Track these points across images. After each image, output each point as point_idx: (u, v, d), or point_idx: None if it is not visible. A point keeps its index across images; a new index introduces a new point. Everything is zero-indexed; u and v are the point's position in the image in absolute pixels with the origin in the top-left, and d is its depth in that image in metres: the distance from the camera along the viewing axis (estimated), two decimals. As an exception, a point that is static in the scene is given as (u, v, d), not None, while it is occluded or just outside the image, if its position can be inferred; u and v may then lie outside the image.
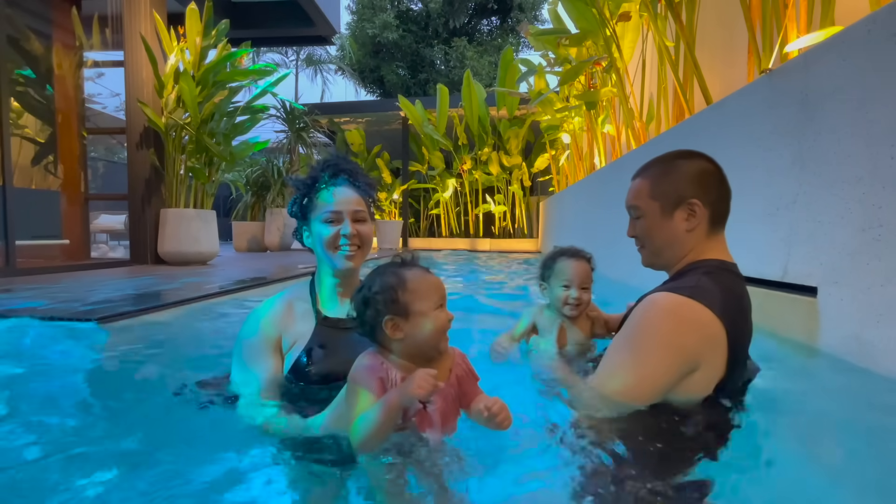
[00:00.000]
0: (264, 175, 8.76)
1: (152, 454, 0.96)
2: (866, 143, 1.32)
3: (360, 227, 1.13)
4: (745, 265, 1.93)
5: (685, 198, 1.01)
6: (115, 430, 1.10)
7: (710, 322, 0.90)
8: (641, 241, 1.11)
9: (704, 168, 1.04)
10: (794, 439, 0.98)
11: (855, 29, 1.39)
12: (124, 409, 1.24)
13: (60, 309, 2.07)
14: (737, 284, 1.00)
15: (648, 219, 1.07)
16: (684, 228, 1.03)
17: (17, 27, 4.76)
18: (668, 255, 1.07)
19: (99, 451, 0.98)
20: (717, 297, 0.92)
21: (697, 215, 1.01)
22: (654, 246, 1.08)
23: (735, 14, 2.77)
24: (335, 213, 1.11)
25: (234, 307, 2.65)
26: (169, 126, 4.87)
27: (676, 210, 1.03)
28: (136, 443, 1.01)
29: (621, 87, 4.19)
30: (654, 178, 1.07)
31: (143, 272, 4.09)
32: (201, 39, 4.90)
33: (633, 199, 1.11)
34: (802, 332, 1.55)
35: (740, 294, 0.99)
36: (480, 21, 19.20)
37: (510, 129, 10.05)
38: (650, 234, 1.08)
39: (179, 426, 1.09)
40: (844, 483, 0.80)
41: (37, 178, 5.17)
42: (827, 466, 0.88)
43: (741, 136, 2.03)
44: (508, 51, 8.86)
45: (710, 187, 1.02)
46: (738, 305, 0.96)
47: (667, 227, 1.04)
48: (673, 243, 1.05)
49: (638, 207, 1.09)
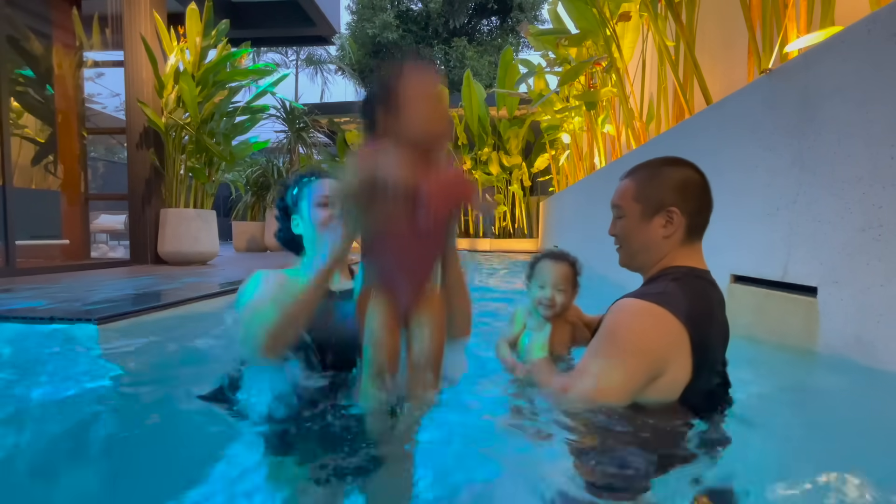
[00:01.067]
0: (264, 175, 8.76)
1: (152, 454, 0.96)
2: (866, 143, 1.32)
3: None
4: (745, 265, 1.94)
5: (665, 204, 1.03)
6: (115, 430, 1.10)
7: (675, 327, 0.91)
8: (620, 242, 1.13)
9: (689, 178, 1.05)
10: (793, 439, 0.98)
11: (855, 29, 1.39)
12: (124, 409, 1.24)
13: (60, 309, 2.06)
14: (706, 290, 1.01)
15: (629, 220, 1.09)
16: (661, 234, 1.04)
17: (17, 27, 4.76)
18: (643, 259, 1.09)
19: (99, 451, 0.98)
20: (683, 303, 0.93)
21: (674, 223, 1.03)
22: (631, 248, 1.10)
23: (735, 14, 2.77)
24: (326, 197, 1.22)
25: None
26: (169, 126, 4.87)
27: (656, 216, 1.04)
28: (137, 443, 1.01)
29: (621, 87, 4.19)
30: (639, 182, 1.08)
31: (143, 272, 4.09)
32: (201, 39, 4.90)
33: (617, 199, 1.12)
34: (802, 332, 1.55)
35: (709, 300, 1.00)
36: (480, 21, 19.21)
37: (510, 129, 10.04)
38: (628, 236, 1.10)
39: (181, 426, 1.09)
40: (845, 482, 0.80)
41: (37, 178, 5.17)
42: (826, 466, 0.88)
43: (741, 136, 2.03)
44: (508, 51, 8.86)
45: (692, 197, 1.04)
46: (705, 311, 0.97)
47: (644, 230, 1.06)
48: (649, 247, 1.07)
49: (621, 207, 1.11)
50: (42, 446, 1.00)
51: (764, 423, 1.02)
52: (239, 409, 1.04)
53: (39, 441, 1.02)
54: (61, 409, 1.22)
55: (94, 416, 1.20)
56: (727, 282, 2.01)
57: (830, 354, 1.42)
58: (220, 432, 1.02)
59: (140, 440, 1.01)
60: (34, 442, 1.01)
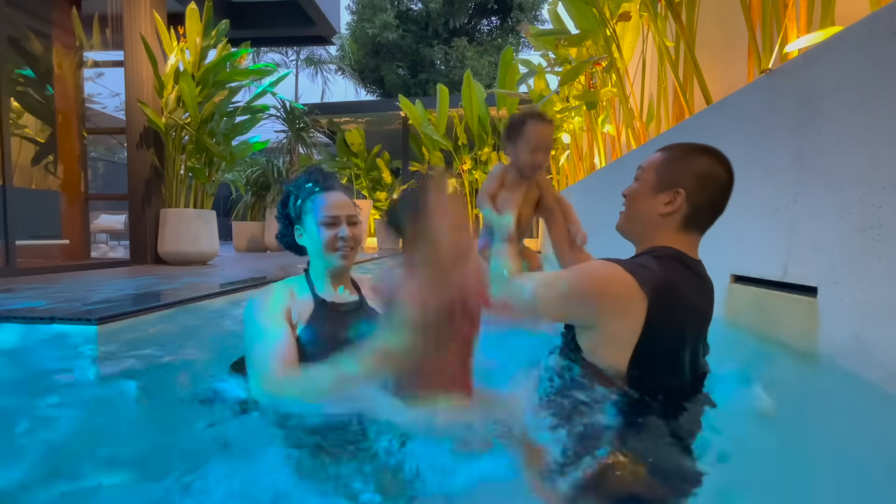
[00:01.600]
0: (264, 175, 8.75)
1: (152, 454, 0.96)
2: (866, 143, 1.32)
3: (353, 229, 1.23)
4: (745, 265, 1.94)
5: (677, 185, 1.03)
6: (115, 430, 1.10)
7: (634, 292, 0.92)
8: (626, 203, 1.14)
9: (715, 173, 1.03)
10: (792, 440, 0.98)
11: (855, 29, 1.39)
12: (124, 409, 1.24)
13: (60, 309, 2.07)
14: (685, 274, 1.00)
15: (641, 186, 1.09)
16: (660, 211, 1.04)
17: (17, 27, 4.76)
18: (637, 228, 1.11)
19: (99, 451, 0.98)
20: (651, 276, 0.94)
21: (675, 204, 1.02)
22: (632, 212, 1.12)
23: (735, 14, 2.77)
24: (333, 217, 1.19)
25: (234, 307, 2.65)
26: (169, 126, 4.87)
27: (664, 192, 1.04)
28: (137, 443, 1.01)
29: (621, 87, 4.19)
30: (669, 156, 1.08)
31: (143, 272, 4.09)
32: (201, 39, 4.89)
33: (644, 163, 1.12)
34: (802, 333, 1.55)
35: (685, 282, 0.99)
36: (480, 21, 19.20)
37: (510, 129, 10.03)
38: (634, 200, 1.11)
39: (181, 426, 1.09)
40: (843, 482, 0.80)
41: (37, 178, 5.16)
42: (826, 466, 0.88)
43: (741, 135, 2.03)
44: (508, 51, 8.85)
45: (705, 190, 1.02)
46: (675, 289, 0.96)
47: (648, 201, 1.07)
48: (645, 218, 1.08)
49: (642, 171, 1.11)
50: (42, 446, 1.00)
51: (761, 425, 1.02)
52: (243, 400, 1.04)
53: (39, 441, 1.02)
54: (61, 410, 1.22)
55: (94, 417, 1.20)
56: (727, 282, 2.02)
57: (830, 354, 1.42)
58: (220, 432, 1.02)
59: (140, 440, 1.02)
60: (34, 442, 1.01)
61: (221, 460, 0.90)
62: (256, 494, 0.80)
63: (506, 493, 0.81)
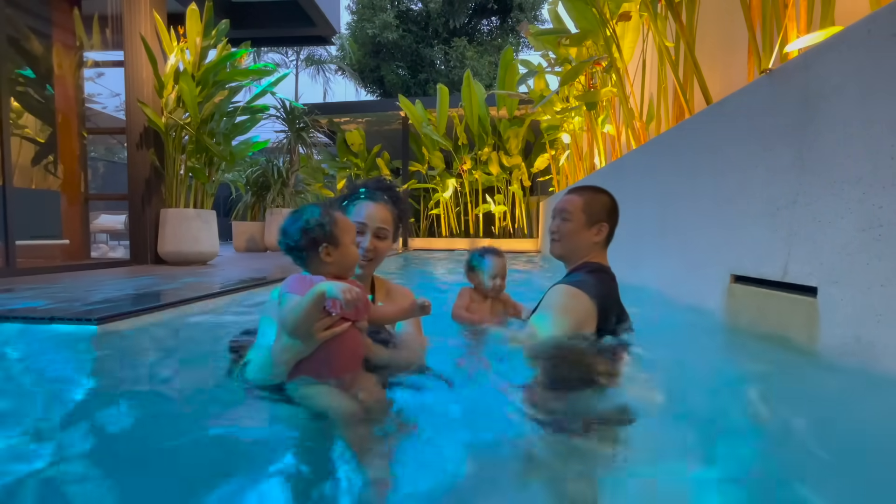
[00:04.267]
0: (264, 175, 8.75)
1: (151, 454, 0.96)
2: (866, 143, 1.32)
3: (378, 242, 1.26)
4: (746, 265, 1.94)
5: (601, 219, 1.50)
6: (114, 430, 1.10)
7: (588, 304, 1.38)
8: (559, 238, 1.55)
9: (614, 206, 1.54)
10: (792, 440, 0.98)
11: (855, 29, 1.39)
12: (123, 409, 1.24)
13: (60, 309, 2.07)
14: (607, 280, 1.48)
15: (574, 224, 1.51)
16: (593, 240, 1.51)
17: (17, 27, 4.76)
18: (574, 254, 1.54)
19: (99, 451, 0.98)
20: (594, 289, 1.40)
21: (602, 233, 1.51)
22: (569, 245, 1.54)
23: (735, 14, 2.77)
24: (360, 225, 1.24)
25: (234, 307, 2.65)
26: (169, 126, 4.87)
27: (593, 226, 1.50)
28: (137, 443, 1.01)
29: (621, 87, 4.19)
30: (586, 199, 1.52)
31: (143, 272, 4.09)
32: (201, 39, 4.90)
33: (567, 206, 1.53)
34: (802, 333, 1.55)
35: (609, 285, 1.48)
36: (480, 21, 19.20)
37: (510, 128, 10.04)
38: (570, 235, 1.52)
39: (181, 426, 1.09)
40: (843, 481, 0.80)
41: (37, 178, 5.16)
42: (824, 466, 0.88)
43: (741, 135, 2.03)
44: (508, 51, 8.86)
45: (614, 218, 1.53)
46: (606, 292, 1.44)
47: (584, 234, 1.51)
48: (581, 246, 1.52)
49: (570, 213, 1.51)
50: (42, 446, 1.00)
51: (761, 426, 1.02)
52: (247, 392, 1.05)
53: (39, 441, 1.02)
54: (61, 410, 1.22)
55: (94, 417, 1.20)
56: (727, 282, 2.02)
57: (830, 354, 1.42)
58: (221, 432, 1.02)
59: (140, 440, 1.02)
60: (34, 442, 1.01)
61: (221, 460, 0.90)
62: (255, 493, 0.80)
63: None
